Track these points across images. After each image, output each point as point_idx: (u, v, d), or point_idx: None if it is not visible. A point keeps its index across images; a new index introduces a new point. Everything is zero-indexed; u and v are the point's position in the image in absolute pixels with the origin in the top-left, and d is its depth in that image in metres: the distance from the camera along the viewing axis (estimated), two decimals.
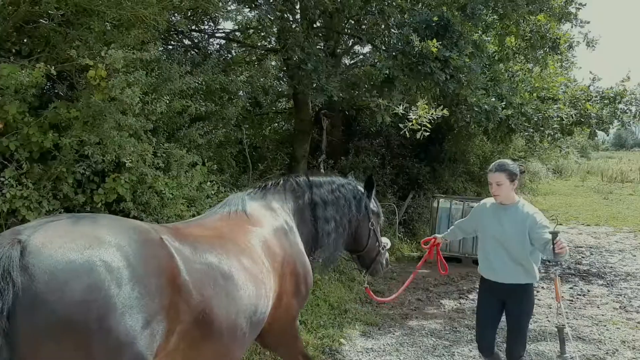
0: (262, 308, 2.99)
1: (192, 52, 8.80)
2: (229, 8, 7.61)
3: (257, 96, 8.25)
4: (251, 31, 9.99)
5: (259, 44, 10.20)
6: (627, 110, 10.33)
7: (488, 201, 4.35)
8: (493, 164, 4.19)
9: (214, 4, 6.08)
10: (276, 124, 12.12)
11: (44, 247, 2.07)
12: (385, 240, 4.52)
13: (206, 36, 9.61)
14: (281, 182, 3.86)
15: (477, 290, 4.52)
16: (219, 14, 6.57)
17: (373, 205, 4.34)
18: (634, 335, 6.20)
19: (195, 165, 5.93)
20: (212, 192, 6.03)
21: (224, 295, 2.68)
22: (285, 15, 8.39)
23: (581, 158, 35.08)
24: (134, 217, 4.82)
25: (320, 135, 10.26)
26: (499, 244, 4.07)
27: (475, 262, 4.59)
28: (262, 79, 7.06)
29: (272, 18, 7.08)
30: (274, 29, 8.17)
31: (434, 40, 7.45)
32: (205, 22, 9.30)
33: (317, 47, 8.57)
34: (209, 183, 6.08)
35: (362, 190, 4.24)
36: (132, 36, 5.12)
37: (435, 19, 8.05)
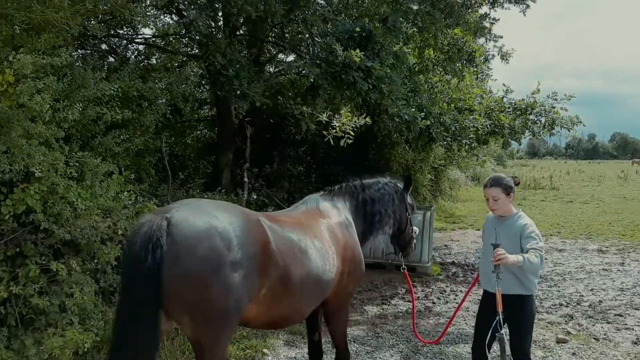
0: (327, 279, 3.93)
1: (109, 58, 8.50)
2: (148, 14, 7.42)
3: (177, 103, 8.05)
4: (172, 38, 9.77)
5: (180, 50, 10.00)
6: (537, 121, 10.90)
7: (491, 214, 4.37)
8: (488, 178, 4.28)
9: (130, 9, 5.89)
10: (199, 132, 11.89)
11: (183, 221, 3.05)
12: (415, 229, 5.34)
13: (125, 42, 9.32)
14: (343, 186, 4.82)
15: (406, 296, 4.63)
16: (135, 20, 6.35)
17: (409, 199, 5.18)
18: (544, 335, 6.52)
19: (111, 175, 5.68)
20: (130, 202, 5.78)
21: (300, 264, 3.65)
22: (208, 22, 8.28)
23: (498, 166, 36.75)
24: (45, 230, 4.59)
25: (244, 143, 10.16)
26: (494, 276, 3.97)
27: (398, 267, 4.70)
28: (182, 86, 6.88)
29: (196, 24, 6.92)
30: (196, 36, 8.02)
31: (357, 50, 7.59)
32: (125, 27, 9.01)
33: (242, 54, 8.48)
34: (126, 193, 5.83)
35: (401, 187, 5.09)
36: (42, 41, 4.86)
37: (358, 29, 8.20)
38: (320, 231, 4.10)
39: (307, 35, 7.95)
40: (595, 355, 5.93)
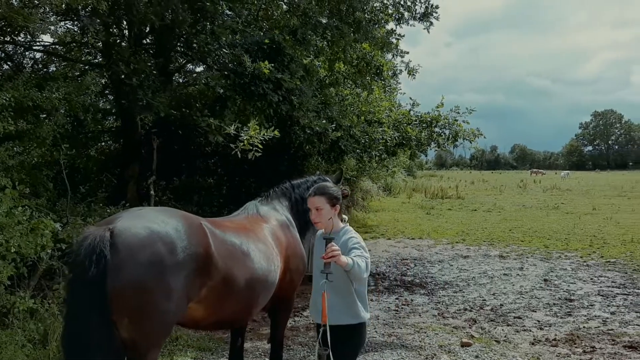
0: (272, 279, 4.19)
1: (4, 66, 7.97)
2: (46, 20, 7.01)
3: (77, 114, 7.65)
4: (73, 45, 9.32)
5: (82, 59, 9.56)
6: (442, 133, 11.36)
7: (321, 230, 3.86)
8: (313, 187, 3.86)
9: (24, 15, 5.54)
10: (103, 144, 11.39)
11: (125, 230, 3.18)
12: (345, 217, 5.51)
13: (21, 49, 8.78)
14: (277, 189, 5.08)
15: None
16: (31, 27, 5.96)
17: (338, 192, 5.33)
18: (449, 340, 6.74)
19: (3, 189, 5.30)
20: (25, 218, 5.41)
21: (243, 267, 3.86)
22: (111, 30, 7.97)
23: (408, 176, 37.97)
24: None
25: (151, 155, 9.83)
26: (322, 279, 3.44)
27: (310, 279, 4.68)
28: (82, 96, 6.53)
29: (94, 31, 6.63)
30: (98, 43, 7.69)
31: (266, 62, 7.57)
32: (22, 33, 8.48)
33: (148, 63, 8.23)
34: (20, 208, 5.45)
35: (330, 181, 5.05)
36: None
37: (267, 41, 8.19)
38: (264, 235, 4.37)
39: (216, 46, 7.84)
40: (496, 357, 6.19)
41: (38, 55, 9.32)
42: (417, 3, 10.51)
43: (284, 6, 10.31)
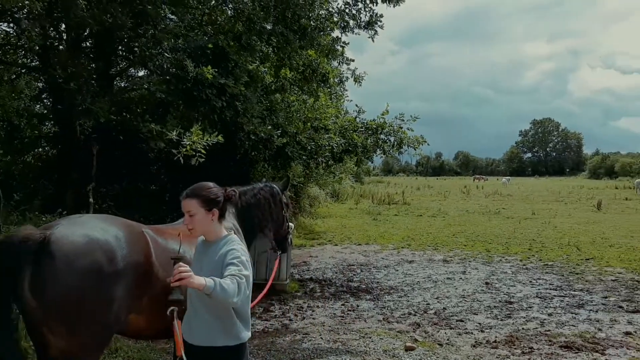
0: None
1: None
2: None
3: (11, 118, 7.33)
4: (8, 48, 8.95)
5: (19, 62, 9.18)
6: (387, 140, 11.53)
7: (202, 237, 3.37)
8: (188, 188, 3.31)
9: None
10: (40, 150, 10.95)
11: (62, 237, 3.08)
12: (291, 225, 5.74)
13: None
14: None
15: (263, 315, 4.44)
16: None
17: (285, 198, 5.54)
18: (394, 344, 6.80)
19: None
20: None
21: None
22: (49, 33, 7.70)
23: (356, 182, 38.31)
24: None
25: (90, 161, 9.52)
26: (197, 294, 3.00)
27: (258, 286, 4.61)
28: (15, 100, 6.26)
29: (29, 34, 6.38)
30: (35, 47, 7.41)
31: (209, 67, 7.48)
32: None
33: (88, 67, 7.98)
34: None
35: (277, 188, 5.36)
36: None
37: (210, 46, 8.10)
38: None
39: (158, 50, 7.68)
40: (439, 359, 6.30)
41: None
42: (362, 12, 10.64)
43: (229, 11, 10.23)
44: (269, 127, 9.15)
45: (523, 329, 7.54)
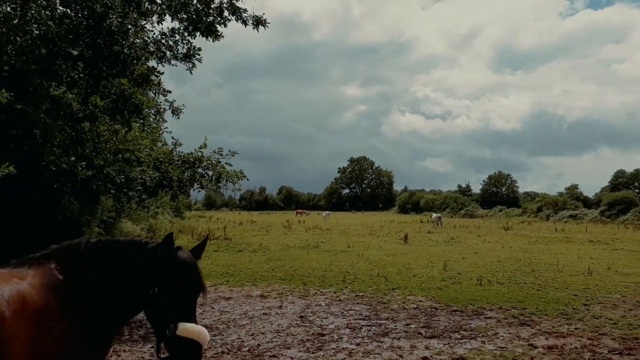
0: None
1: None
2: None
3: None
4: None
5: None
6: (205, 174, 11.34)
7: None
8: None
9: None
10: None
11: None
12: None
13: None
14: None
15: None
16: None
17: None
18: None
19: None
20: None
21: None
22: None
23: (175, 217, 37.10)
24: None
25: None
26: None
27: None
28: None
29: None
30: None
31: (3, 90, 6.74)
32: None
33: None
34: None
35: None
36: None
37: (7, 68, 7.33)
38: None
39: None
40: None
41: None
42: (179, 44, 10.45)
43: (34, 32, 9.37)
44: (73, 158, 8.44)
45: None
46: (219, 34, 10.16)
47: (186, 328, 3.27)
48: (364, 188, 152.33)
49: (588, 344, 8.64)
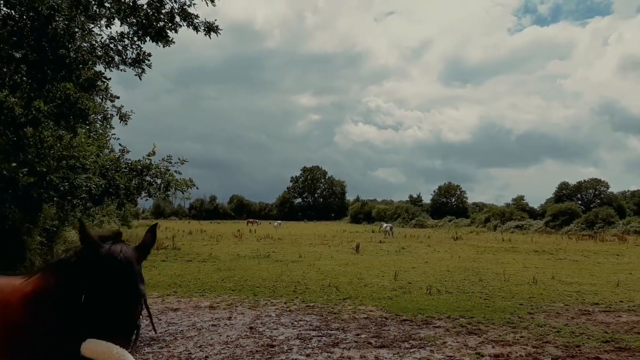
0: None
1: None
2: None
3: None
4: None
5: None
6: (154, 183, 11.10)
7: None
8: None
9: None
10: None
11: None
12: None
13: None
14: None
15: None
16: None
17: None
18: None
19: None
20: None
21: None
22: None
23: (122, 226, 36.14)
24: None
25: None
26: None
27: None
28: None
29: None
30: None
31: None
32: None
33: None
34: None
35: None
36: None
37: None
38: None
39: None
40: None
41: None
42: (128, 49, 10.22)
43: None
44: (14, 164, 8.11)
45: None
46: (170, 39, 9.99)
47: (90, 347, 2.63)
48: (316, 198, 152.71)
49: (532, 352, 8.87)
